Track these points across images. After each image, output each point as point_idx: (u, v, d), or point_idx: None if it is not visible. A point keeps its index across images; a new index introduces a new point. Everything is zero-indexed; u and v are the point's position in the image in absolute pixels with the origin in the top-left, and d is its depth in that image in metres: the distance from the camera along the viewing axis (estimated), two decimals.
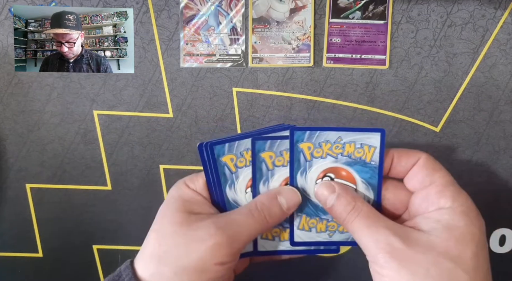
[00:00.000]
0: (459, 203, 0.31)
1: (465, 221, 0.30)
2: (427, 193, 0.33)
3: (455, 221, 0.30)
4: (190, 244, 0.31)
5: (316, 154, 0.35)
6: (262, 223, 0.33)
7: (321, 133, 0.35)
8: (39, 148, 0.51)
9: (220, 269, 0.31)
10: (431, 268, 0.28)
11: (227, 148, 0.35)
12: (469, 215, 0.31)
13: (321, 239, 0.36)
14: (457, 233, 0.30)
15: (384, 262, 0.29)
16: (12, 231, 0.52)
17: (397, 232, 0.30)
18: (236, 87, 0.50)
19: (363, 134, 0.35)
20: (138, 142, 0.51)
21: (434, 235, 0.30)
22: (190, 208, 0.34)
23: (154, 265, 0.32)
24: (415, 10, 0.49)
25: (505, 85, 0.50)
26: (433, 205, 0.32)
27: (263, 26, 0.49)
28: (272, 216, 0.34)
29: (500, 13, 0.49)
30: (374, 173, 0.35)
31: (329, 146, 0.35)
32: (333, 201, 0.33)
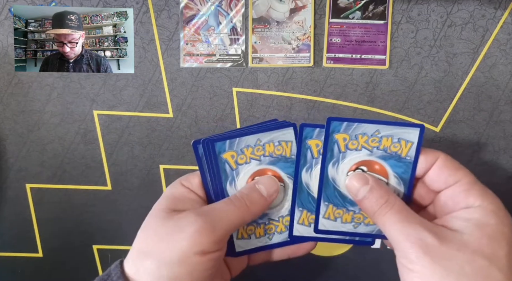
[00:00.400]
0: (489, 202, 0.31)
1: (496, 220, 0.30)
2: (453, 192, 0.32)
3: (486, 220, 0.30)
4: (172, 236, 0.31)
5: (351, 146, 0.35)
6: (243, 210, 0.33)
7: (359, 125, 0.34)
8: (39, 148, 0.51)
9: (203, 260, 0.31)
10: (465, 265, 0.28)
11: (228, 145, 0.35)
12: (499, 214, 0.30)
13: (345, 229, 0.36)
14: (489, 231, 0.29)
15: (416, 258, 0.29)
16: (12, 231, 0.52)
17: (430, 228, 0.30)
18: (236, 87, 0.50)
19: (402, 129, 0.34)
20: (138, 142, 0.51)
21: (467, 234, 0.29)
22: (177, 205, 0.34)
23: (140, 262, 0.31)
24: (415, 10, 0.49)
25: (505, 85, 0.50)
26: (460, 203, 0.31)
27: (263, 26, 0.49)
28: (253, 202, 0.34)
29: (500, 13, 0.49)
30: (408, 168, 0.35)
31: (366, 138, 0.35)
32: (365, 193, 0.33)
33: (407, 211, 0.31)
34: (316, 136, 0.35)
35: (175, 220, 0.32)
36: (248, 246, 0.37)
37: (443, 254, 0.28)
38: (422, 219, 0.31)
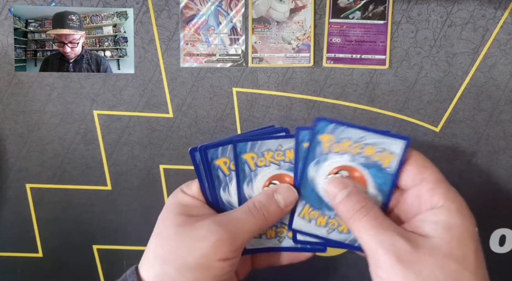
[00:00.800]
0: (451, 201, 0.31)
1: (461, 219, 0.30)
2: (419, 191, 0.32)
3: (452, 221, 0.30)
4: (192, 243, 0.32)
5: (334, 148, 0.35)
6: (261, 221, 0.34)
7: (346, 129, 0.34)
8: (39, 148, 0.51)
9: (224, 265, 0.32)
10: (436, 270, 0.28)
11: (220, 152, 0.35)
12: (463, 213, 0.31)
13: (318, 233, 0.36)
14: (457, 233, 0.30)
15: (389, 266, 0.29)
16: (12, 231, 0.52)
17: (403, 235, 0.30)
18: (236, 87, 0.50)
19: (388, 139, 0.34)
20: (138, 142, 0.51)
21: (436, 237, 0.29)
22: (189, 211, 0.34)
23: (158, 267, 0.32)
24: (415, 10, 0.49)
25: (505, 85, 0.50)
26: (425, 203, 0.32)
27: (263, 26, 0.49)
28: (271, 213, 0.34)
29: (500, 13, 0.49)
30: (388, 180, 0.34)
31: (350, 143, 0.34)
32: (342, 197, 0.33)
33: (382, 218, 0.31)
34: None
35: (195, 227, 0.32)
36: (257, 245, 0.37)
37: (415, 260, 0.29)
38: (396, 226, 0.31)
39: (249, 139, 0.35)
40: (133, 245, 0.52)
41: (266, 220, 0.34)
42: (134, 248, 0.52)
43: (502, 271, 0.53)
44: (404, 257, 0.29)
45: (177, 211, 0.34)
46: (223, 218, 0.33)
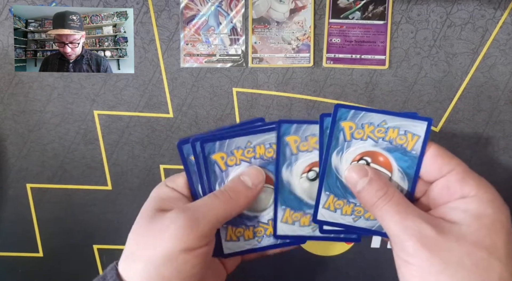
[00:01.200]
0: (484, 191, 0.30)
1: (493, 210, 0.29)
2: (448, 181, 0.31)
3: (483, 210, 0.29)
4: (156, 236, 0.31)
5: (356, 135, 0.34)
6: (227, 202, 0.33)
7: (366, 114, 0.33)
8: (40, 148, 0.51)
9: (189, 257, 0.30)
10: (464, 257, 0.27)
11: (218, 146, 0.35)
12: (496, 203, 0.30)
13: (344, 221, 0.35)
14: (487, 222, 0.29)
15: (414, 250, 0.28)
16: (12, 231, 0.52)
17: (429, 220, 0.29)
18: (236, 87, 0.50)
19: (409, 121, 0.33)
20: (139, 142, 0.51)
21: (465, 225, 0.29)
22: (162, 205, 0.33)
23: (130, 263, 0.31)
24: (415, 11, 0.49)
25: (505, 85, 0.50)
26: (456, 193, 0.31)
27: (263, 26, 0.49)
28: (236, 192, 0.33)
29: (499, 13, 0.49)
30: (413, 163, 0.33)
31: (372, 128, 0.34)
32: (364, 185, 0.32)
33: (406, 203, 0.31)
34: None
35: (159, 219, 0.31)
36: (236, 248, 0.37)
37: (441, 246, 0.28)
38: (420, 211, 0.30)
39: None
40: None
41: (233, 201, 0.33)
42: None
43: None
44: (429, 242, 0.28)
45: (152, 206, 0.33)
46: (188, 205, 0.32)
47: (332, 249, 0.52)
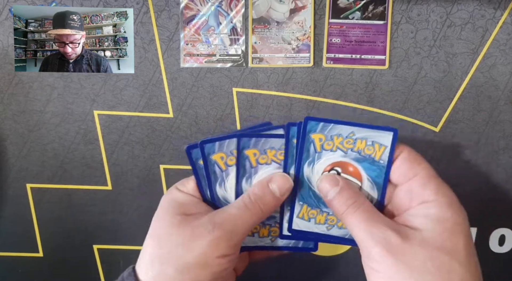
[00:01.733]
0: (442, 195, 0.31)
1: (452, 213, 0.31)
2: (411, 186, 0.33)
3: (442, 214, 0.30)
4: (190, 242, 0.32)
5: (326, 146, 0.35)
6: (257, 214, 0.34)
7: (334, 126, 0.35)
8: (40, 148, 0.51)
9: (223, 261, 0.32)
10: (428, 262, 0.29)
11: (217, 147, 0.35)
12: (454, 207, 0.31)
13: (318, 230, 0.36)
14: (448, 226, 0.30)
15: (380, 257, 0.29)
16: (12, 231, 0.52)
17: (394, 227, 0.30)
18: (236, 87, 0.50)
19: (376, 132, 0.35)
20: (139, 142, 0.51)
21: (427, 230, 0.30)
22: (184, 209, 0.34)
23: (157, 267, 0.32)
24: (415, 11, 0.49)
25: (505, 85, 0.50)
26: (417, 198, 0.32)
27: (263, 26, 0.49)
28: (266, 204, 0.34)
29: (499, 13, 0.49)
30: (381, 172, 0.35)
31: (341, 140, 0.35)
32: (334, 194, 0.33)
33: (373, 212, 0.32)
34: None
35: (191, 227, 0.32)
36: (250, 243, 0.38)
37: (406, 252, 0.29)
38: (387, 219, 0.32)
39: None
40: (133, 245, 0.52)
41: (263, 212, 0.34)
42: (134, 248, 0.52)
43: (501, 271, 0.53)
44: (394, 248, 0.29)
45: (173, 211, 0.34)
46: (219, 215, 0.33)
47: (333, 249, 0.52)
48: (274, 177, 0.35)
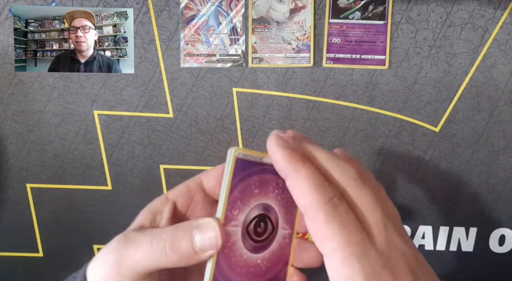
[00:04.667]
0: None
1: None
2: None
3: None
4: (97, 261, 0.27)
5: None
6: (159, 254, 0.26)
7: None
8: (40, 148, 0.51)
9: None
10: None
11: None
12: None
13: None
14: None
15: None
16: (12, 231, 0.52)
17: None
18: (236, 87, 0.50)
19: None
20: (139, 142, 0.51)
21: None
22: (144, 222, 0.29)
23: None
24: (415, 11, 0.49)
25: (505, 85, 0.50)
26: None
27: (263, 26, 0.49)
28: (175, 250, 0.26)
29: (499, 13, 0.49)
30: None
31: None
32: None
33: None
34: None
35: (108, 244, 0.28)
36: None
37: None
38: None
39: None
40: None
41: (166, 256, 0.26)
42: None
43: (501, 271, 0.53)
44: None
45: (134, 224, 0.29)
46: (130, 235, 0.27)
47: None
48: (204, 223, 0.26)
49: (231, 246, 0.26)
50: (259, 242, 0.27)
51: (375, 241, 0.24)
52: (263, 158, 0.27)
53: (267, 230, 0.27)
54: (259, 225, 0.27)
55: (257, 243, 0.27)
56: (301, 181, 0.24)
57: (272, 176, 0.27)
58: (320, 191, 0.24)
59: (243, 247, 0.27)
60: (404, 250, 0.24)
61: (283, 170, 0.25)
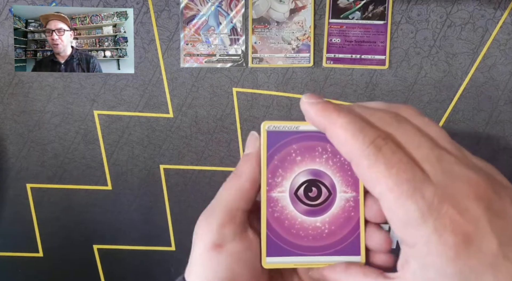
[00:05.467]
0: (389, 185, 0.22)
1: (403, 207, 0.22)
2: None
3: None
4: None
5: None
6: (233, 181, 0.29)
7: None
8: (40, 148, 0.51)
9: (218, 254, 0.27)
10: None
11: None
12: (403, 194, 0.22)
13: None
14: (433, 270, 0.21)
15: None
16: (12, 231, 0.52)
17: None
18: (236, 87, 0.50)
19: None
20: (139, 142, 0.51)
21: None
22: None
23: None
24: (415, 11, 0.49)
25: (505, 85, 0.50)
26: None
27: (263, 26, 0.49)
28: (238, 167, 0.29)
29: (499, 13, 0.49)
30: None
31: None
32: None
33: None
34: None
35: None
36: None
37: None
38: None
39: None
40: (133, 245, 0.52)
41: (237, 177, 0.28)
42: (134, 248, 0.52)
43: None
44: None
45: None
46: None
47: None
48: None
49: (281, 210, 0.28)
50: (314, 206, 0.28)
51: (430, 175, 0.22)
52: (299, 126, 0.28)
53: (321, 194, 0.28)
54: (310, 190, 0.28)
55: (312, 207, 0.28)
56: (339, 130, 0.24)
57: (316, 142, 0.28)
58: (360, 136, 0.23)
59: (295, 210, 0.28)
60: (469, 177, 0.22)
61: (320, 125, 0.25)
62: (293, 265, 0.29)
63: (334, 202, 0.28)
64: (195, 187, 0.51)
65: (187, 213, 0.52)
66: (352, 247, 0.29)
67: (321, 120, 0.25)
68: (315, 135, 0.28)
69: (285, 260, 0.28)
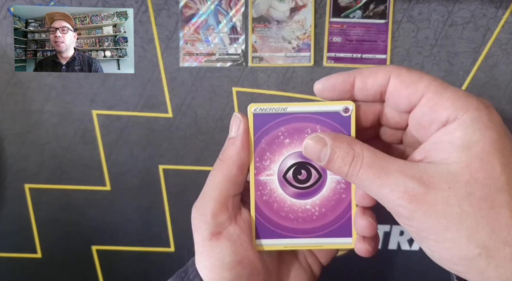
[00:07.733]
0: (465, 110, 0.24)
1: (480, 129, 0.24)
2: (421, 111, 0.26)
3: (468, 136, 0.24)
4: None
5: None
6: (220, 167, 0.29)
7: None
8: (38, 148, 0.51)
9: (218, 242, 0.28)
10: (463, 204, 0.23)
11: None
12: (481, 119, 0.24)
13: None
14: (478, 150, 0.23)
15: (408, 214, 0.24)
16: (10, 232, 0.52)
17: (412, 173, 0.24)
18: (236, 86, 0.50)
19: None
20: (137, 142, 0.51)
21: (453, 162, 0.24)
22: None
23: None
24: (416, 9, 0.49)
25: (507, 84, 0.49)
26: (434, 123, 0.25)
27: (263, 25, 0.49)
28: (224, 151, 0.29)
29: (501, 12, 0.49)
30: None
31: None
32: (326, 157, 0.27)
33: (379, 161, 0.25)
34: None
35: None
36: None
37: (434, 202, 0.23)
38: (399, 162, 0.25)
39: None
40: (132, 246, 0.52)
41: (222, 162, 0.29)
42: (133, 249, 0.52)
43: None
44: (420, 201, 0.24)
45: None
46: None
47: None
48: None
49: (269, 194, 0.28)
50: (304, 189, 0.29)
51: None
52: (287, 108, 0.28)
53: (311, 177, 0.28)
54: (300, 173, 0.28)
55: (301, 190, 0.29)
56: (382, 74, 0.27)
57: (305, 123, 0.28)
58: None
59: (284, 193, 0.29)
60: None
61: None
62: (283, 247, 0.29)
63: (325, 185, 0.29)
64: (194, 187, 0.51)
65: (186, 213, 0.51)
66: (343, 229, 0.29)
67: (351, 73, 0.28)
68: (304, 116, 0.28)
69: (276, 242, 0.29)
